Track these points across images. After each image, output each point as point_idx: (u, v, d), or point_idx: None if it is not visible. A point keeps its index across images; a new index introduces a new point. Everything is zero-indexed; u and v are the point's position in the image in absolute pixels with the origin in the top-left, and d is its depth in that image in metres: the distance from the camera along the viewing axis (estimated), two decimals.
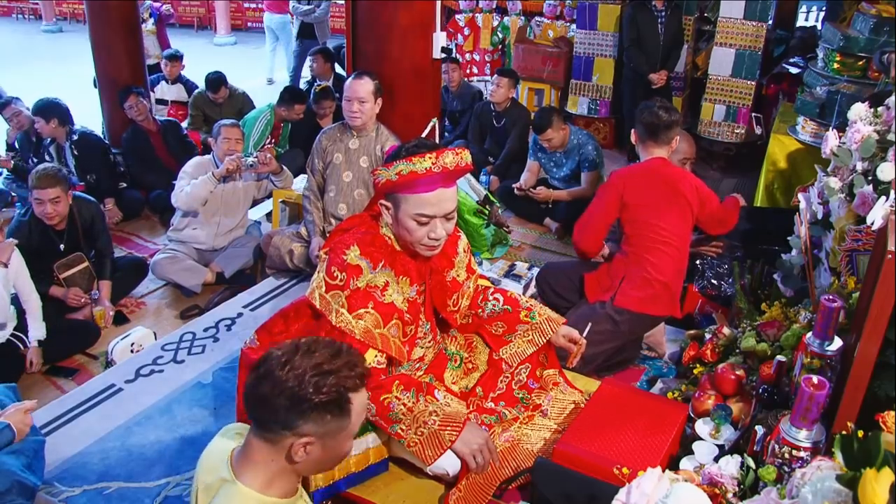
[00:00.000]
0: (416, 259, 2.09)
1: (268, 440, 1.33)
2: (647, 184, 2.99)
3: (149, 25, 7.13)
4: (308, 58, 6.80)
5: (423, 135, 3.77)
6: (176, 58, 6.61)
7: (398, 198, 1.91)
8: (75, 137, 4.85)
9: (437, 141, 3.88)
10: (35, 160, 4.87)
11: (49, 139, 4.83)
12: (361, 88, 3.48)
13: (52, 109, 4.71)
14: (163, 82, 6.60)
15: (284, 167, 4.24)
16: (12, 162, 5.04)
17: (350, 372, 1.32)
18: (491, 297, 2.36)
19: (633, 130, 3.13)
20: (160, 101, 6.52)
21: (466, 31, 7.64)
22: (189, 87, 6.63)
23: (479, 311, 2.36)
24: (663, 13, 5.57)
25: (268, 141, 5.29)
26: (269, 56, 9.19)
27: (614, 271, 3.01)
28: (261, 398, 1.30)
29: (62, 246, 3.67)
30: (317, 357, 1.30)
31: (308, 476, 1.91)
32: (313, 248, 3.66)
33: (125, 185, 5.07)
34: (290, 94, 5.42)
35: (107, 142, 5.24)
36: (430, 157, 1.84)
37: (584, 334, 2.33)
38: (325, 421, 1.30)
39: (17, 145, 5.25)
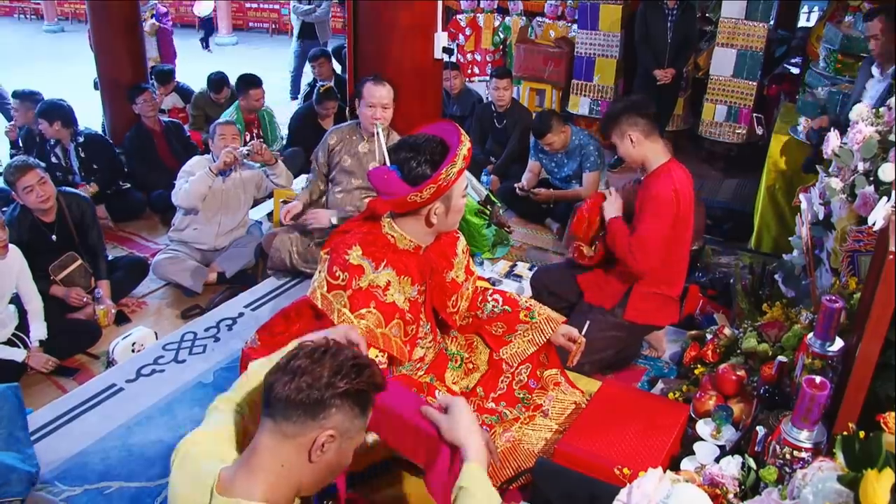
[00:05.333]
0: (418, 258, 2.09)
1: (288, 436, 1.26)
2: (686, 198, 2.79)
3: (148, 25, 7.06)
4: (309, 62, 6.78)
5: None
6: (166, 76, 6.38)
7: (449, 192, 2.01)
8: (81, 139, 4.85)
9: None
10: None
11: (53, 140, 4.82)
12: (387, 95, 3.47)
13: (55, 111, 4.70)
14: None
15: (280, 161, 4.23)
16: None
17: (378, 371, 1.34)
18: (490, 298, 2.36)
19: (629, 135, 2.79)
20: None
21: (468, 32, 7.63)
22: (185, 93, 6.55)
23: (479, 311, 2.36)
24: (674, 11, 5.56)
25: (247, 138, 5.24)
26: None
27: (619, 281, 2.95)
28: (297, 370, 1.26)
29: (53, 237, 3.65)
30: (347, 353, 1.32)
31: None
32: (293, 205, 3.67)
33: (129, 185, 5.07)
34: (245, 83, 5.42)
35: (111, 143, 5.24)
36: (460, 156, 1.95)
37: (583, 332, 2.34)
38: (351, 414, 1.29)
39: (20, 143, 5.24)
